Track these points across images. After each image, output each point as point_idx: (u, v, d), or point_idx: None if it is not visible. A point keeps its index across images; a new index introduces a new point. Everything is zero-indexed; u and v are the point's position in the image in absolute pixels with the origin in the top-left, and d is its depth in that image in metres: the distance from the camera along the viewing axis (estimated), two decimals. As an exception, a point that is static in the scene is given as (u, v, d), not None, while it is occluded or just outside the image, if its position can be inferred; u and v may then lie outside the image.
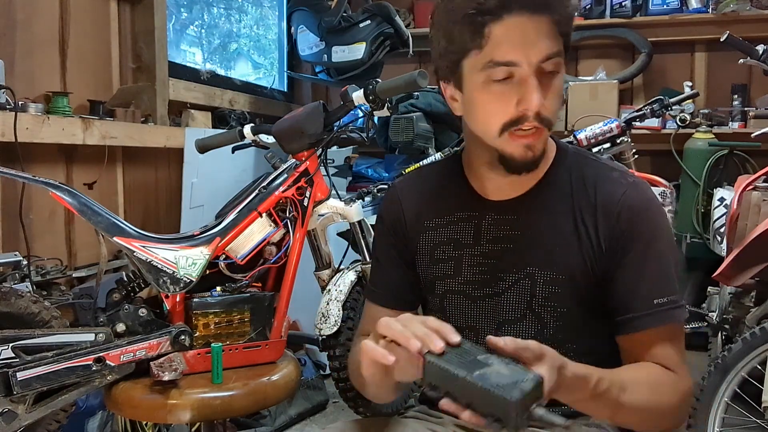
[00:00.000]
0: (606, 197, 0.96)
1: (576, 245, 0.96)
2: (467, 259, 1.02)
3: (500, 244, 1.00)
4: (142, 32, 2.55)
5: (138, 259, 1.42)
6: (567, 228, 0.97)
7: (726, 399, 1.72)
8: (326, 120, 1.59)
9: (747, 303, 2.12)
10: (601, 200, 0.96)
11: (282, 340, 1.55)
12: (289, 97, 3.98)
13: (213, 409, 1.37)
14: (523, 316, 1.00)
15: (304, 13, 3.46)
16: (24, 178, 1.42)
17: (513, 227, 1.00)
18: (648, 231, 0.95)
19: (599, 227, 0.96)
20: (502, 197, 1.01)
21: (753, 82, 3.36)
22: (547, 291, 0.97)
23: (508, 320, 1.01)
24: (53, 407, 1.33)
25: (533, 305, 0.99)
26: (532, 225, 0.99)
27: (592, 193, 0.97)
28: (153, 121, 2.51)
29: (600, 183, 0.98)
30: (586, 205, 0.97)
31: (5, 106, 1.85)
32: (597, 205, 0.96)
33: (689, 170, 3.10)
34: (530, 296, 0.98)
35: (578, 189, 0.98)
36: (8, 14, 2.03)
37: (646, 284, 0.94)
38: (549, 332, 0.99)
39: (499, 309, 1.01)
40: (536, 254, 0.98)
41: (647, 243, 0.94)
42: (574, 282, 0.96)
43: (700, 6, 3.34)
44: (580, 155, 1.03)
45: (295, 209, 1.58)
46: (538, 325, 0.99)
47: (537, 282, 0.98)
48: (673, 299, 0.94)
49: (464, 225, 1.03)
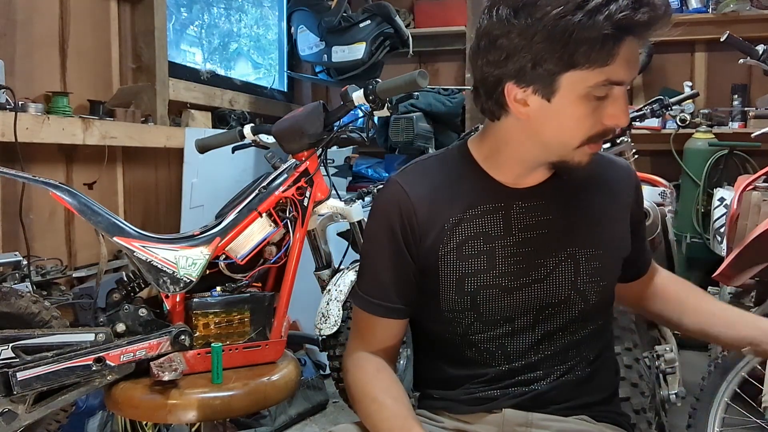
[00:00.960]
0: (622, 174, 1.10)
1: (606, 219, 1.05)
2: (500, 250, 1.00)
3: (534, 230, 1.01)
4: (142, 32, 2.56)
5: (138, 259, 1.41)
6: (593, 205, 1.04)
7: (726, 399, 1.72)
8: (326, 120, 1.59)
9: (747, 303, 2.13)
10: (618, 177, 1.09)
11: (282, 340, 1.55)
12: (289, 97, 3.98)
13: (213, 409, 1.37)
14: (567, 297, 1.01)
15: (304, 13, 3.46)
16: (24, 178, 1.42)
17: (544, 213, 1.01)
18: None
19: (623, 200, 1.08)
20: (525, 185, 1.02)
21: (753, 82, 3.36)
22: (590, 268, 1.02)
23: (550, 304, 1.01)
24: (53, 407, 1.33)
25: (578, 284, 1.01)
26: (561, 208, 1.02)
27: (604, 172, 1.07)
28: (153, 121, 2.51)
29: (608, 163, 1.10)
30: (602, 183, 1.07)
31: (5, 106, 1.85)
32: (614, 181, 1.08)
33: (689, 170, 3.10)
34: (575, 276, 1.01)
35: (589, 170, 1.00)
36: (8, 14, 2.03)
37: (643, 233, 1.17)
38: (590, 308, 1.03)
39: (541, 295, 1.01)
40: (574, 234, 1.02)
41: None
42: (612, 254, 1.05)
43: (700, 6, 3.34)
44: None
45: (295, 209, 1.58)
46: (581, 303, 1.02)
47: (580, 261, 1.01)
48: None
49: (492, 217, 1.01)
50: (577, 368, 1.03)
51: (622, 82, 0.91)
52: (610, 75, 0.88)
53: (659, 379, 1.66)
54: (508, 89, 0.92)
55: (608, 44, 0.85)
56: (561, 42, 0.85)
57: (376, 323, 1.06)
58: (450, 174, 1.04)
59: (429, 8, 3.82)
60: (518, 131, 0.97)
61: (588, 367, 1.04)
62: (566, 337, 1.03)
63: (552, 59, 0.87)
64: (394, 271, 1.03)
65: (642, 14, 0.84)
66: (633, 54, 0.90)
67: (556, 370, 1.03)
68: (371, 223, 1.07)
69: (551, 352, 1.02)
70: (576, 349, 1.04)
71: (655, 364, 1.64)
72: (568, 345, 1.03)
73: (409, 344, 1.85)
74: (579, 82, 0.88)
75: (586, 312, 1.03)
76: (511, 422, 1.01)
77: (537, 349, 1.02)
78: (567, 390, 1.03)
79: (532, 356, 1.02)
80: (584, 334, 1.04)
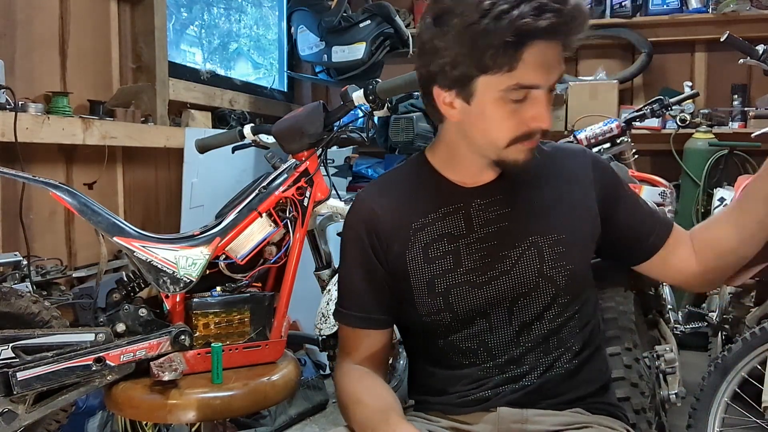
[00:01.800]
0: (578, 159, 1.11)
1: (566, 204, 1.06)
2: (464, 249, 1.04)
3: (495, 225, 1.04)
4: (142, 32, 2.56)
5: (138, 259, 1.41)
6: (547, 194, 1.06)
7: (726, 399, 1.72)
8: (326, 120, 1.59)
9: (747, 303, 2.12)
10: (575, 163, 1.10)
11: (282, 340, 1.55)
12: (289, 97, 3.98)
13: (213, 409, 1.36)
14: (536, 284, 1.03)
15: (304, 13, 3.46)
16: (24, 178, 1.42)
17: (502, 206, 1.04)
18: (619, 177, 1.14)
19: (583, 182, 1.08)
20: (482, 183, 1.05)
21: (753, 82, 3.36)
22: (555, 253, 1.03)
23: (521, 294, 1.03)
24: (53, 407, 1.33)
25: (544, 270, 1.03)
26: (520, 199, 1.05)
27: (558, 166, 1.09)
28: (153, 121, 2.51)
29: (560, 157, 1.11)
30: (559, 171, 1.09)
31: (5, 106, 1.85)
32: (571, 167, 1.09)
33: (689, 170, 3.10)
34: (539, 263, 1.03)
35: (541, 165, 1.07)
36: (8, 14, 2.03)
37: (644, 207, 1.14)
38: (562, 292, 1.04)
39: (510, 286, 1.03)
40: (533, 223, 1.04)
41: (624, 185, 1.13)
42: (576, 237, 1.05)
43: (700, 6, 3.34)
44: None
45: (295, 209, 1.58)
46: (552, 289, 1.03)
47: (543, 248, 1.03)
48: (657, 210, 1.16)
49: (453, 217, 1.05)
50: (563, 360, 1.04)
51: (535, 86, 0.93)
52: (520, 79, 0.91)
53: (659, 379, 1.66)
54: (436, 92, 0.99)
55: (510, 50, 0.88)
56: (470, 47, 0.90)
57: (360, 336, 1.10)
58: (411, 182, 1.09)
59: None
60: (456, 133, 1.03)
61: (574, 358, 1.04)
62: (544, 326, 1.04)
63: (465, 63, 0.92)
64: (369, 283, 1.07)
65: (545, 20, 0.86)
66: (545, 58, 0.91)
67: (541, 363, 1.03)
68: (343, 240, 1.12)
69: (532, 344, 1.03)
70: (557, 339, 1.04)
71: (655, 364, 1.63)
72: (548, 334, 1.04)
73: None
74: (492, 85, 0.93)
75: (557, 297, 1.04)
76: (506, 420, 1.02)
77: (517, 342, 1.04)
78: (555, 384, 1.04)
79: (514, 350, 1.03)
80: (562, 322, 1.04)
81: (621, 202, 1.11)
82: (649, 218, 1.12)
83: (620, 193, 1.12)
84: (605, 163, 1.14)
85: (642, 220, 1.12)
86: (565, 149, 1.13)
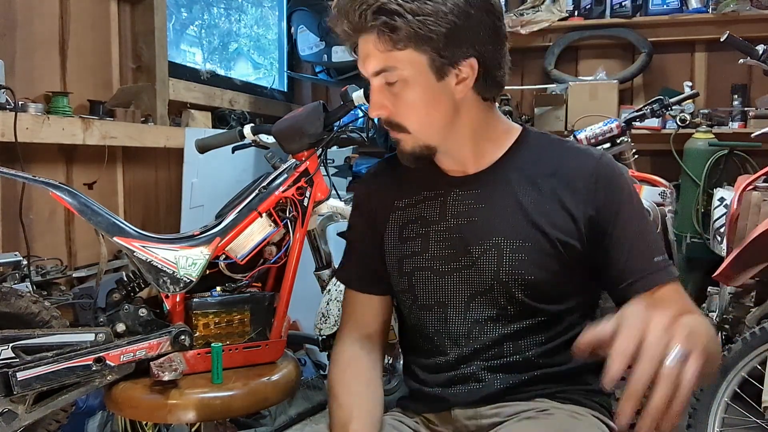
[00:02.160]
0: (575, 169, 1.00)
1: (542, 211, 0.99)
2: (434, 235, 1.05)
3: (465, 218, 1.03)
4: (142, 32, 2.55)
5: (138, 259, 1.41)
6: (530, 195, 1.00)
7: (726, 399, 1.72)
8: (326, 120, 1.59)
9: (747, 303, 2.12)
10: (568, 172, 1.00)
11: (282, 340, 1.55)
12: (289, 97, 3.98)
13: (213, 409, 1.37)
14: (491, 287, 1.01)
15: (304, 13, 3.46)
16: (24, 178, 1.42)
17: (477, 201, 1.03)
18: (631, 197, 1.00)
19: (574, 196, 0.99)
20: (467, 173, 1.05)
21: (753, 82, 3.36)
22: (514, 259, 0.99)
23: (478, 292, 1.02)
24: (53, 407, 1.33)
25: (500, 275, 1.00)
26: (494, 197, 1.02)
27: (555, 165, 1.01)
28: (153, 121, 2.51)
29: (564, 157, 1.02)
30: (548, 176, 1.01)
31: (5, 106, 1.85)
32: (563, 175, 1.00)
33: (689, 170, 3.10)
34: (497, 266, 1.00)
35: (537, 163, 1.02)
36: (8, 14, 2.03)
37: (645, 245, 0.98)
38: (515, 302, 1.00)
39: (469, 282, 1.03)
40: (500, 224, 1.01)
41: (634, 208, 1.00)
42: (539, 248, 0.98)
43: (700, 6, 3.34)
44: (543, 136, 1.07)
45: (295, 209, 1.58)
46: (506, 294, 1.01)
47: (503, 251, 1.00)
48: (666, 257, 0.98)
49: (431, 203, 1.06)
50: (518, 367, 1.01)
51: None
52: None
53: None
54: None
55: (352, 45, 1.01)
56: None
57: (358, 300, 1.13)
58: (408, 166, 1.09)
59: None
60: None
61: (534, 369, 1.01)
62: (497, 329, 1.01)
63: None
64: (367, 247, 1.13)
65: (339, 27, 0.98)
66: (360, 50, 0.98)
67: (491, 367, 1.02)
68: (351, 210, 1.20)
69: (481, 345, 1.02)
70: (513, 345, 1.01)
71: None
72: (501, 339, 1.02)
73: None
74: None
75: (511, 305, 1.00)
76: (460, 418, 1.04)
77: (468, 338, 1.03)
78: (504, 390, 1.01)
79: (464, 347, 1.03)
80: (519, 330, 1.01)
81: (616, 229, 0.98)
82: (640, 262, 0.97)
83: (618, 220, 0.98)
84: (616, 178, 1.00)
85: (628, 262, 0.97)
86: (573, 149, 1.04)
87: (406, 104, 0.96)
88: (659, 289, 0.97)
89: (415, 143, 1.00)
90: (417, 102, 0.96)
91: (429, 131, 0.99)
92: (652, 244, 0.99)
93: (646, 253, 0.97)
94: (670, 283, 0.97)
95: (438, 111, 0.97)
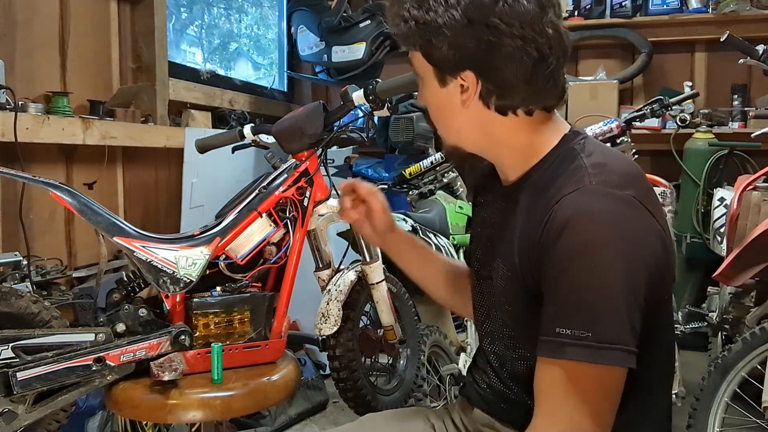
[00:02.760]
0: (548, 198, 0.86)
1: (520, 243, 0.90)
2: (481, 238, 1.07)
3: (494, 228, 1.02)
4: (142, 32, 2.56)
5: (138, 259, 1.41)
6: (522, 224, 0.91)
7: (726, 399, 1.72)
8: (326, 120, 1.59)
9: (747, 303, 2.13)
10: (544, 199, 0.87)
11: (282, 340, 1.55)
12: (289, 97, 3.98)
13: (213, 409, 1.36)
14: (493, 305, 1.00)
15: (304, 13, 3.46)
16: (24, 178, 1.41)
17: (500, 215, 1.01)
18: (574, 248, 0.80)
19: (535, 228, 0.86)
20: (504, 182, 1.02)
21: (753, 82, 3.36)
22: (501, 286, 0.95)
23: (492, 306, 1.01)
24: (53, 407, 1.33)
25: (493, 298, 0.99)
26: (505, 215, 0.99)
27: (546, 193, 0.88)
28: (153, 121, 2.51)
29: (557, 182, 0.88)
30: (537, 205, 0.89)
31: (5, 106, 1.85)
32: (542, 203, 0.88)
33: (689, 170, 3.10)
34: (495, 288, 0.98)
35: (542, 187, 0.90)
36: (8, 14, 2.03)
37: (554, 307, 0.82)
38: (508, 330, 0.96)
39: (488, 294, 1.02)
40: (501, 246, 0.97)
41: (569, 261, 0.81)
42: (517, 281, 0.90)
43: (700, 6, 3.34)
44: (572, 151, 0.92)
45: (295, 209, 1.57)
46: (500, 319, 0.98)
47: (498, 275, 0.96)
48: (580, 335, 0.78)
49: (487, 206, 1.07)
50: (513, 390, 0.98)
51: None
52: None
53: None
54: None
55: None
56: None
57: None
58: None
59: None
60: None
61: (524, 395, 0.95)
62: (500, 349, 1.00)
63: None
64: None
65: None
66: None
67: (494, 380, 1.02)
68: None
69: (489, 358, 1.03)
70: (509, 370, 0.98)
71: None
72: (502, 360, 0.99)
73: (408, 344, 1.85)
74: None
75: (505, 330, 0.97)
76: (477, 421, 1.05)
77: (482, 348, 1.06)
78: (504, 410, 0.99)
79: (481, 355, 1.07)
80: (513, 357, 0.96)
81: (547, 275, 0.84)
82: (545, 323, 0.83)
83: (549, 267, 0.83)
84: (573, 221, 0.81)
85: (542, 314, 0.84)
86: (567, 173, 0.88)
87: (425, 102, 1.01)
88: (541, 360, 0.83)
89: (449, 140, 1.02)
90: (429, 101, 0.99)
91: (444, 130, 1.01)
92: (566, 313, 0.80)
93: (551, 317, 0.82)
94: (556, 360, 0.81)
95: (446, 115, 0.98)
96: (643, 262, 0.81)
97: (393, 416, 1.20)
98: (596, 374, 0.80)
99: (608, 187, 0.83)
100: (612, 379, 0.81)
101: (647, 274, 0.81)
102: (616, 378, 0.81)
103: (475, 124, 0.95)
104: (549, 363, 0.82)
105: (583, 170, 0.86)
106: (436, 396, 2.09)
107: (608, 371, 0.80)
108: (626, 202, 0.83)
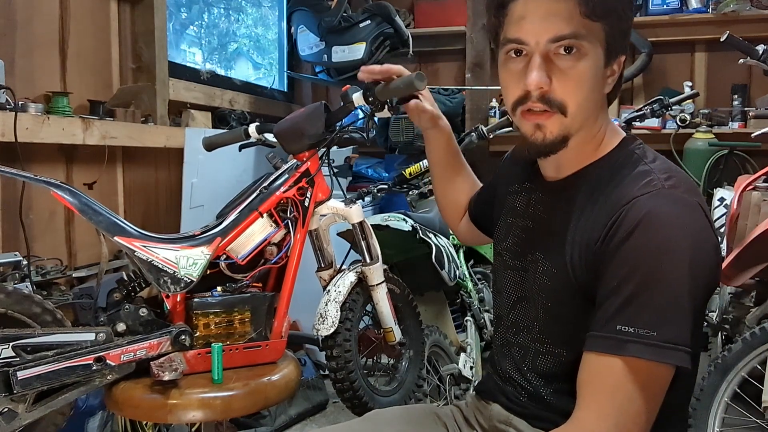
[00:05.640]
0: (614, 199, 0.86)
1: (572, 242, 0.90)
2: (513, 228, 1.07)
3: (534, 222, 1.03)
4: (142, 32, 2.56)
5: (139, 259, 1.41)
6: (573, 222, 0.91)
7: (726, 399, 1.72)
8: (328, 120, 1.59)
9: (747, 303, 2.13)
10: (606, 200, 0.88)
11: (282, 341, 1.55)
12: (289, 97, 3.98)
13: (213, 409, 1.36)
14: (526, 297, 1.01)
15: (304, 13, 3.46)
16: (26, 178, 1.41)
17: (545, 209, 1.01)
18: (645, 248, 0.81)
19: (598, 228, 0.87)
20: (549, 178, 1.02)
21: (753, 82, 3.36)
22: (541, 281, 0.96)
23: (523, 298, 1.02)
24: (53, 406, 1.33)
25: (530, 291, 1.00)
26: (553, 211, 0.99)
27: (609, 193, 0.88)
28: (153, 121, 2.51)
29: (622, 184, 0.88)
30: (596, 204, 0.89)
31: (5, 106, 1.85)
32: (602, 204, 0.88)
33: (689, 170, 3.09)
34: (532, 281, 0.99)
35: (601, 187, 0.90)
36: (8, 14, 2.03)
37: (616, 306, 0.82)
38: (539, 324, 0.98)
39: (518, 284, 1.03)
40: (545, 241, 0.97)
41: (638, 261, 0.81)
42: (564, 278, 0.91)
43: (700, 6, 3.34)
44: (633, 155, 0.93)
45: (296, 210, 1.57)
46: (533, 312, 0.99)
47: (537, 270, 0.98)
48: (644, 333, 0.79)
49: (523, 196, 1.07)
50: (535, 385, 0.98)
51: (519, 41, 0.89)
52: (507, 32, 0.92)
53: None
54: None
55: (495, 5, 0.93)
56: (486, 7, 0.97)
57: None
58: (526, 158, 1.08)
59: (429, 8, 3.82)
60: None
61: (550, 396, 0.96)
62: (526, 343, 1.00)
63: (488, 26, 0.98)
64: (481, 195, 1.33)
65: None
66: (526, 11, 0.88)
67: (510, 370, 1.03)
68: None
69: (514, 349, 1.03)
70: (531, 362, 0.99)
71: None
72: (524, 354, 1.00)
73: (410, 346, 1.85)
74: (499, 43, 0.94)
75: (534, 327, 0.98)
76: (494, 417, 1.05)
77: (505, 340, 1.06)
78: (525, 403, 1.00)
79: (504, 348, 1.06)
80: (540, 354, 0.97)
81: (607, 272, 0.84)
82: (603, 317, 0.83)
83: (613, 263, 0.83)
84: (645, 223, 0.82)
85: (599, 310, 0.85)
86: (633, 175, 0.89)
87: (573, 80, 0.88)
88: (591, 355, 0.84)
89: (562, 127, 0.90)
90: (586, 78, 0.89)
91: (583, 114, 0.91)
92: (632, 311, 0.80)
93: (611, 313, 0.82)
94: (610, 356, 0.81)
95: (594, 96, 0.91)
96: (707, 269, 0.83)
97: (401, 414, 1.17)
98: (652, 373, 0.81)
99: (680, 193, 0.85)
100: (662, 380, 0.82)
101: (707, 281, 0.84)
102: (666, 379, 0.83)
103: (598, 110, 0.95)
104: (604, 358, 0.82)
105: (653, 175, 0.87)
106: (436, 396, 2.09)
107: (663, 371, 0.81)
108: (696, 208, 0.85)
